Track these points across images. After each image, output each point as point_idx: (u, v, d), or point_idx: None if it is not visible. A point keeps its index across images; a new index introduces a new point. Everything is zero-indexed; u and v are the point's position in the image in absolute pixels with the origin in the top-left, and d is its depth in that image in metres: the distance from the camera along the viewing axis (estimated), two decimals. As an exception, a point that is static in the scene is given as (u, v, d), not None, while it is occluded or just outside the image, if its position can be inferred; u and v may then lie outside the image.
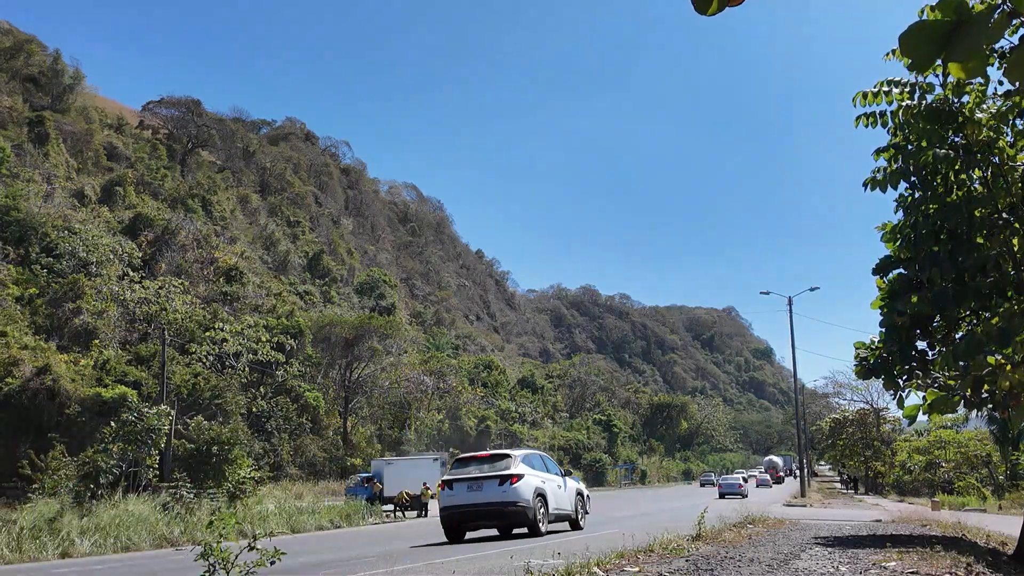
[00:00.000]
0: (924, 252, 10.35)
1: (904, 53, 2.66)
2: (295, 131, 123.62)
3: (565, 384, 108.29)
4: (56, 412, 37.87)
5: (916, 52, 2.63)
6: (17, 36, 74.08)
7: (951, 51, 2.58)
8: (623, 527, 16.47)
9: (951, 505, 37.62)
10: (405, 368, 68.20)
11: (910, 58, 2.67)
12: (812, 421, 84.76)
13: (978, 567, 8.91)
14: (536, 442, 78.73)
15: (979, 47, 2.57)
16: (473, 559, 11.98)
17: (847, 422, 68.68)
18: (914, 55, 2.64)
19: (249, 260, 70.87)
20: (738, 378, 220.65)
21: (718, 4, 2.64)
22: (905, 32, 2.62)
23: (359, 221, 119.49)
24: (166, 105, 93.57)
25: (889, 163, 10.55)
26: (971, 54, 2.57)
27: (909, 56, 2.66)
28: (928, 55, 2.63)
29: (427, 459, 43.05)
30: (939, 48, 2.60)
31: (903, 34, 2.62)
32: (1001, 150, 10.06)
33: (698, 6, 2.63)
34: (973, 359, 9.53)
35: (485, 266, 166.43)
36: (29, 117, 64.37)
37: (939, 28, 2.60)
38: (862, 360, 11.90)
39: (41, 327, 44.39)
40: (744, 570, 8.43)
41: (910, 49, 2.62)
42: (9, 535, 19.48)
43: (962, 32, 2.55)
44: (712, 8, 2.64)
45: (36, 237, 50.74)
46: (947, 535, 14.68)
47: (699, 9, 2.63)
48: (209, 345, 50.22)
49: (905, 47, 2.62)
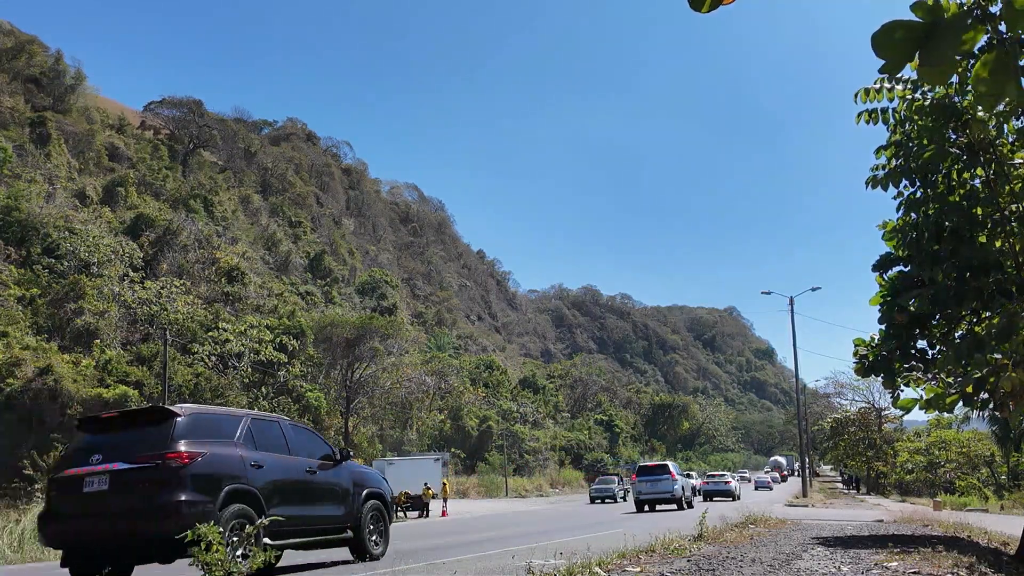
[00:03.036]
0: (925, 250, 10.33)
1: (877, 53, 2.54)
2: (296, 131, 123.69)
3: (567, 384, 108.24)
4: (58, 412, 37.91)
5: (889, 53, 2.51)
6: (19, 37, 74.13)
7: (924, 55, 2.48)
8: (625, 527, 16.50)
9: (953, 505, 37.58)
10: (407, 368, 68.19)
11: (882, 59, 2.55)
12: (814, 421, 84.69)
13: (980, 567, 8.90)
14: (538, 442, 78.75)
15: (953, 52, 2.47)
16: (474, 559, 11.98)
17: (849, 422, 68.65)
18: (887, 56, 2.52)
19: (251, 260, 70.89)
20: (739, 378, 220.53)
21: (711, 1, 2.62)
22: (878, 31, 2.50)
23: (360, 221, 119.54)
24: (167, 105, 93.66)
25: (889, 160, 10.53)
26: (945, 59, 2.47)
27: (881, 57, 2.54)
28: (901, 57, 2.51)
29: (429, 459, 43.14)
30: (913, 50, 2.49)
31: (876, 33, 2.50)
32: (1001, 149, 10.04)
33: (693, 3, 2.62)
34: (974, 358, 9.51)
35: (486, 266, 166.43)
36: (31, 118, 64.44)
37: (914, 29, 2.48)
38: (862, 358, 11.89)
39: (43, 328, 44.44)
40: (746, 570, 8.43)
41: (883, 49, 2.51)
42: (11, 536, 19.50)
43: (936, 35, 2.45)
44: (706, 6, 2.63)
45: (38, 238, 50.80)
46: (949, 535, 14.67)
47: (694, 6, 2.63)
48: (211, 345, 50.26)
49: (878, 47, 2.51)
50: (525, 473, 72.16)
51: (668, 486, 31.47)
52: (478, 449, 69.04)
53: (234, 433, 9.85)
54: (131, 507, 8.73)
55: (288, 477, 10.36)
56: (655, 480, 31.92)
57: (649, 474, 32.73)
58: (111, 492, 8.83)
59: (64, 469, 9.52)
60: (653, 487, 31.68)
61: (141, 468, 8.79)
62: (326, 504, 11.12)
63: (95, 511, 8.93)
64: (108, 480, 8.86)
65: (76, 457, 9.53)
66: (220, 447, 9.43)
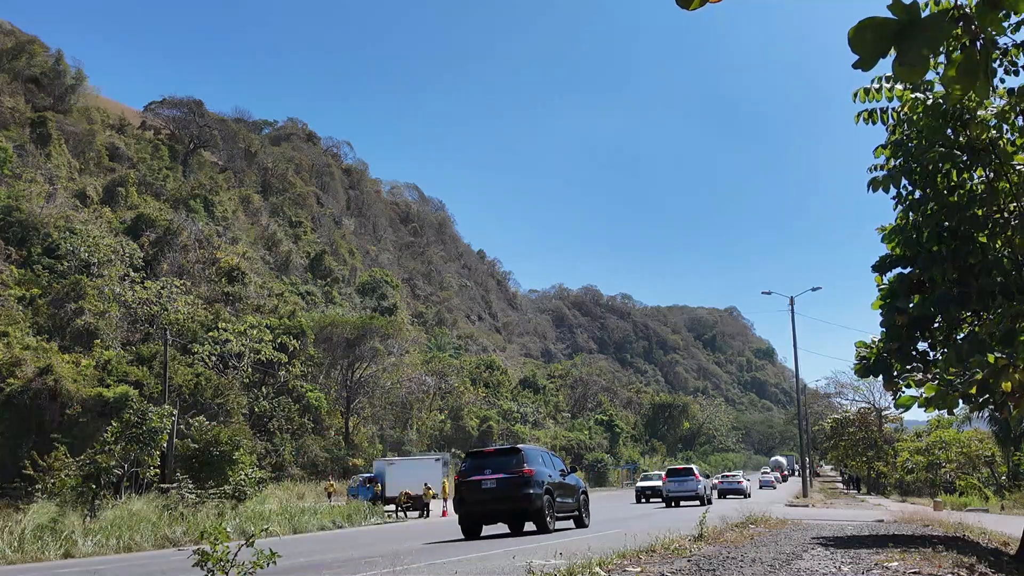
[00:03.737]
0: (925, 251, 10.32)
1: (852, 49, 2.57)
2: (297, 131, 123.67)
3: (567, 384, 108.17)
4: (58, 412, 37.93)
5: (863, 50, 2.54)
6: (19, 37, 74.14)
7: (902, 54, 2.50)
8: (626, 527, 16.52)
9: (953, 505, 37.58)
10: (407, 368, 68.24)
11: (857, 55, 2.58)
12: (814, 421, 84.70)
13: (980, 567, 8.90)
14: (538, 442, 78.80)
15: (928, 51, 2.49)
16: (475, 559, 11.98)
17: (849, 422, 68.64)
18: (861, 52, 2.56)
19: (251, 260, 70.89)
20: (740, 378, 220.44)
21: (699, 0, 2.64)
22: (855, 27, 2.53)
23: (361, 221, 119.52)
24: (168, 106, 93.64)
25: (888, 160, 10.52)
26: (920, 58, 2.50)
27: (857, 54, 2.57)
28: (874, 54, 2.54)
29: (429, 459, 43.07)
30: (887, 48, 2.51)
31: (853, 29, 2.53)
32: (1003, 149, 10.03)
33: (680, 1, 2.63)
34: (974, 359, 9.50)
35: (487, 266, 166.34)
36: (31, 118, 64.44)
37: (889, 27, 2.51)
38: (862, 359, 11.88)
39: (43, 328, 44.44)
40: (746, 570, 8.43)
41: (858, 46, 2.54)
42: (12, 535, 19.51)
43: (912, 34, 2.48)
44: (694, 3, 2.64)
45: (38, 238, 50.82)
46: (949, 535, 14.66)
47: (681, 4, 2.64)
48: (211, 345, 50.27)
49: (853, 43, 2.54)
50: (525, 473, 72.22)
51: (693, 485, 36.21)
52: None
53: (539, 459, 18.43)
54: (508, 496, 17.13)
55: (555, 480, 18.48)
56: (682, 480, 36.73)
57: (677, 476, 37.46)
58: (497, 489, 17.26)
59: (468, 476, 17.73)
60: (680, 486, 36.45)
61: (512, 476, 17.17)
62: (568, 496, 19.18)
63: (488, 498, 17.39)
64: (495, 483, 17.30)
65: (473, 471, 17.84)
66: (537, 466, 17.85)
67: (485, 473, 17.63)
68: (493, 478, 17.42)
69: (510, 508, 17.40)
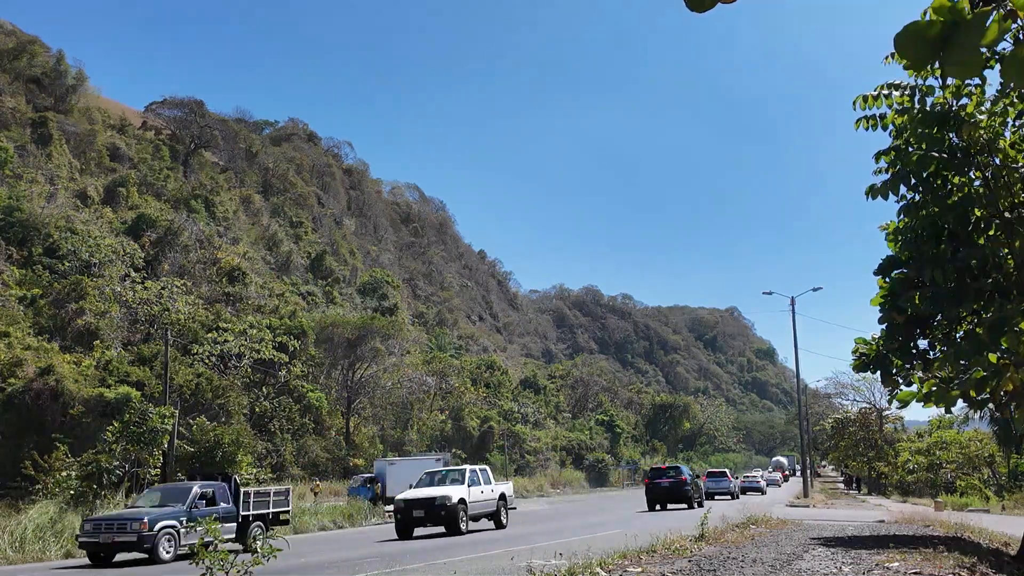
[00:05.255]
0: (925, 252, 10.33)
1: (900, 54, 2.64)
2: (298, 132, 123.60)
3: (568, 384, 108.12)
4: (59, 412, 37.91)
5: (911, 54, 2.60)
6: (20, 37, 74.11)
7: (947, 55, 2.56)
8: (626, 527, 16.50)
9: (954, 506, 37.57)
10: (408, 368, 68.21)
11: (906, 59, 2.66)
12: (815, 421, 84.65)
13: (981, 568, 8.90)
14: (539, 442, 78.77)
15: (975, 51, 2.55)
16: (474, 559, 11.97)
17: (850, 422, 68.61)
18: (910, 56, 2.62)
19: (252, 261, 70.88)
20: (740, 378, 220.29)
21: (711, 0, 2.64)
22: (900, 33, 2.59)
23: (361, 222, 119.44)
24: (169, 106, 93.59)
25: (890, 166, 10.53)
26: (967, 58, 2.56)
27: (905, 57, 2.64)
28: (923, 56, 2.61)
29: (430, 460, 43.04)
30: (935, 49, 2.58)
31: (898, 35, 2.59)
32: (1001, 151, 10.03)
33: (691, 4, 2.63)
34: (974, 358, 9.50)
35: (487, 266, 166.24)
36: (32, 118, 64.45)
37: (934, 30, 2.57)
38: (861, 355, 11.90)
39: (44, 328, 44.46)
40: (747, 570, 8.43)
41: (905, 50, 2.60)
42: (13, 535, 19.52)
43: (958, 35, 2.53)
44: (707, 5, 2.64)
45: (39, 238, 50.81)
46: (950, 536, 14.66)
47: (691, 7, 2.64)
48: (212, 345, 50.27)
49: (900, 48, 2.60)
50: (526, 473, 72.10)
51: (726, 484, 46.92)
52: (479, 449, 68.95)
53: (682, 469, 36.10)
54: (677, 491, 34.46)
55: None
56: (718, 480, 47.53)
57: (714, 476, 48.43)
58: (670, 487, 34.45)
59: (655, 479, 35.01)
60: (717, 484, 46.25)
61: (679, 480, 34.74)
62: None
63: (665, 490, 34.43)
64: (670, 483, 34.56)
65: (657, 475, 35.41)
66: (686, 474, 35.95)
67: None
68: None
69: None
